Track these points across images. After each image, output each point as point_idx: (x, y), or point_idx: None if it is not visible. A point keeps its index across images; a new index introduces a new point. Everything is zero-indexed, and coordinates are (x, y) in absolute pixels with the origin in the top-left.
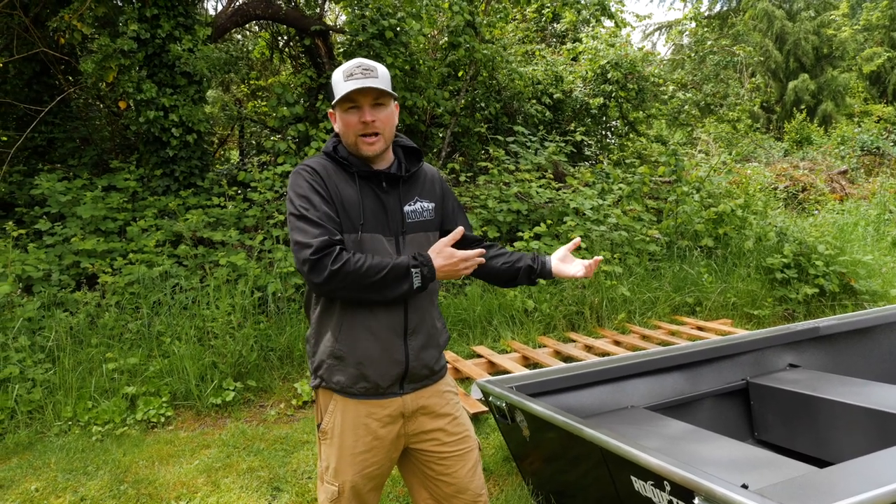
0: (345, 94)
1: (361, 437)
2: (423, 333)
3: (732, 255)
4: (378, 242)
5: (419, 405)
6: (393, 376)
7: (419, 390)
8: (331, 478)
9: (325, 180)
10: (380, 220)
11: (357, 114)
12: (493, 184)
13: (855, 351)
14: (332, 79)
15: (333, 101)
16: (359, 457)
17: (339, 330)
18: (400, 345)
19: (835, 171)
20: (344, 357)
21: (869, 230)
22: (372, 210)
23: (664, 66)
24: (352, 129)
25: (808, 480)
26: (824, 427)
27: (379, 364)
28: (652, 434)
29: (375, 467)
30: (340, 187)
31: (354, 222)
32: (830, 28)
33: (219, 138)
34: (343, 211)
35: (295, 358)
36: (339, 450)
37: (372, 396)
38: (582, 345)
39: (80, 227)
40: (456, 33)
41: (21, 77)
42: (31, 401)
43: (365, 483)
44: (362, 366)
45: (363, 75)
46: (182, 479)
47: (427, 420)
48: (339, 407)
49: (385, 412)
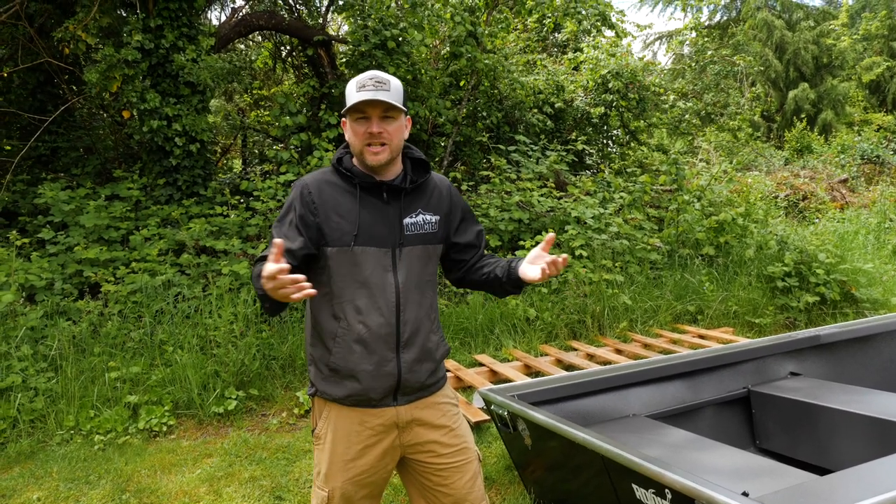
0: (354, 104)
1: (353, 445)
2: (417, 347)
3: (733, 264)
4: (370, 257)
5: (414, 416)
6: (385, 389)
7: (414, 402)
8: (321, 483)
9: (316, 199)
10: (376, 232)
11: (365, 124)
12: (494, 193)
13: (856, 359)
14: (346, 89)
15: (344, 111)
16: (349, 463)
17: (332, 341)
18: (392, 358)
19: (835, 179)
20: (337, 369)
21: (869, 238)
22: (369, 222)
23: (665, 76)
24: (359, 138)
25: (808, 488)
26: (825, 435)
27: (371, 377)
28: (653, 442)
29: (367, 475)
30: (337, 200)
31: (346, 236)
32: (830, 38)
33: (222, 147)
34: (333, 223)
35: (297, 367)
36: (331, 455)
37: (364, 406)
38: (584, 353)
39: (83, 236)
40: (458, 43)
41: (25, 87)
42: (33, 410)
43: (356, 490)
44: (355, 378)
45: (375, 87)
46: (184, 487)
47: (423, 431)
48: (333, 414)
49: (378, 421)
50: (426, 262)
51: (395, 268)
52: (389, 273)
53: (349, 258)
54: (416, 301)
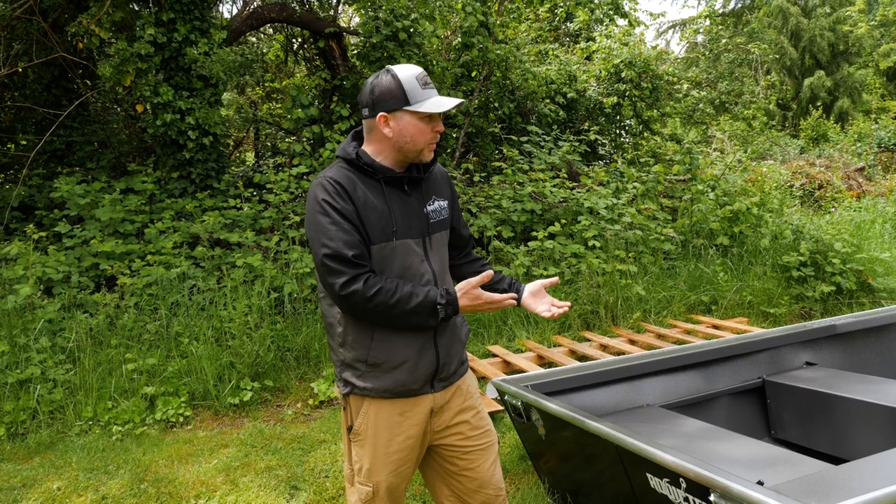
0: (433, 110)
1: (395, 436)
2: (448, 330)
3: (748, 254)
4: (408, 248)
5: (447, 400)
6: (426, 376)
7: (447, 387)
8: (364, 478)
9: (352, 194)
10: (409, 224)
11: (432, 124)
12: (507, 184)
13: (872, 349)
14: (397, 83)
15: (405, 108)
16: (392, 456)
17: (370, 338)
18: (431, 345)
19: (851, 168)
20: (379, 363)
21: (886, 227)
22: (401, 214)
23: (678, 65)
24: (424, 137)
25: (823, 477)
26: (841, 425)
27: (415, 367)
28: (667, 432)
29: (407, 465)
30: (368, 198)
31: (386, 230)
32: (846, 24)
33: (234, 140)
34: (372, 220)
35: (311, 358)
36: (373, 450)
37: (405, 396)
38: (597, 344)
39: (98, 230)
40: (469, 34)
41: (40, 82)
42: (52, 401)
43: (399, 482)
44: (399, 371)
45: (433, 85)
46: (201, 478)
47: (453, 414)
48: (373, 408)
49: (417, 409)
50: (445, 246)
51: (427, 256)
52: (425, 262)
53: (390, 252)
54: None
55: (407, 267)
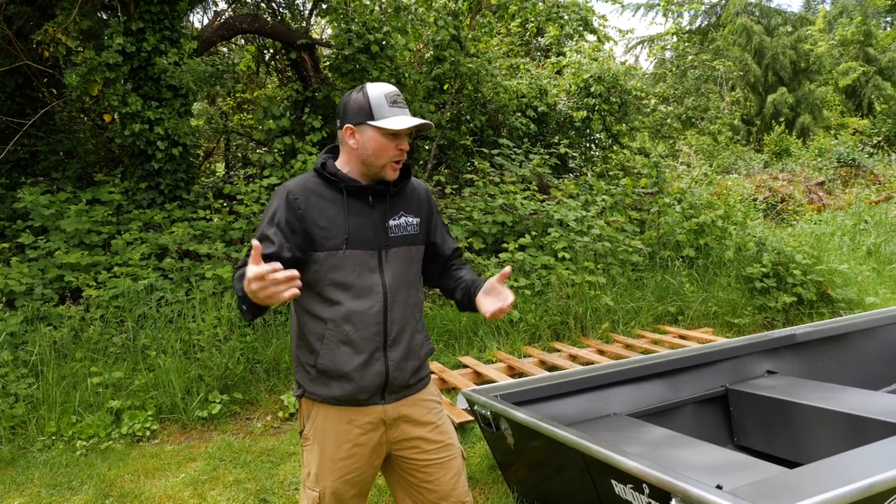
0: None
1: (342, 444)
2: (403, 345)
3: (713, 265)
4: (359, 259)
5: (400, 413)
6: (373, 388)
7: (401, 399)
8: (312, 483)
9: (303, 203)
10: (364, 235)
11: (396, 142)
12: (478, 196)
13: (830, 357)
14: (366, 99)
15: (369, 122)
16: (339, 463)
17: (320, 343)
18: (380, 357)
19: (812, 182)
20: (325, 370)
21: (845, 240)
22: (357, 225)
23: (646, 80)
24: (387, 154)
25: (778, 480)
26: (800, 431)
27: (359, 376)
28: (633, 440)
29: (356, 474)
30: (323, 206)
31: (337, 239)
32: (807, 43)
33: (204, 151)
34: (322, 228)
35: (281, 370)
36: (320, 456)
37: (352, 405)
38: (566, 354)
39: (63, 241)
40: (441, 47)
41: (4, 90)
42: (13, 416)
43: (346, 489)
44: (343, 378)
45: (402, 105)
46: (168, 492)
47: (409, 428)
48: (321, 414)
49: (365, 419)
50: (410, 262)
51: (381, 269)
52: (376, 274)
53: (338, 262)
54: (402, 301)
55: (356, 278)
